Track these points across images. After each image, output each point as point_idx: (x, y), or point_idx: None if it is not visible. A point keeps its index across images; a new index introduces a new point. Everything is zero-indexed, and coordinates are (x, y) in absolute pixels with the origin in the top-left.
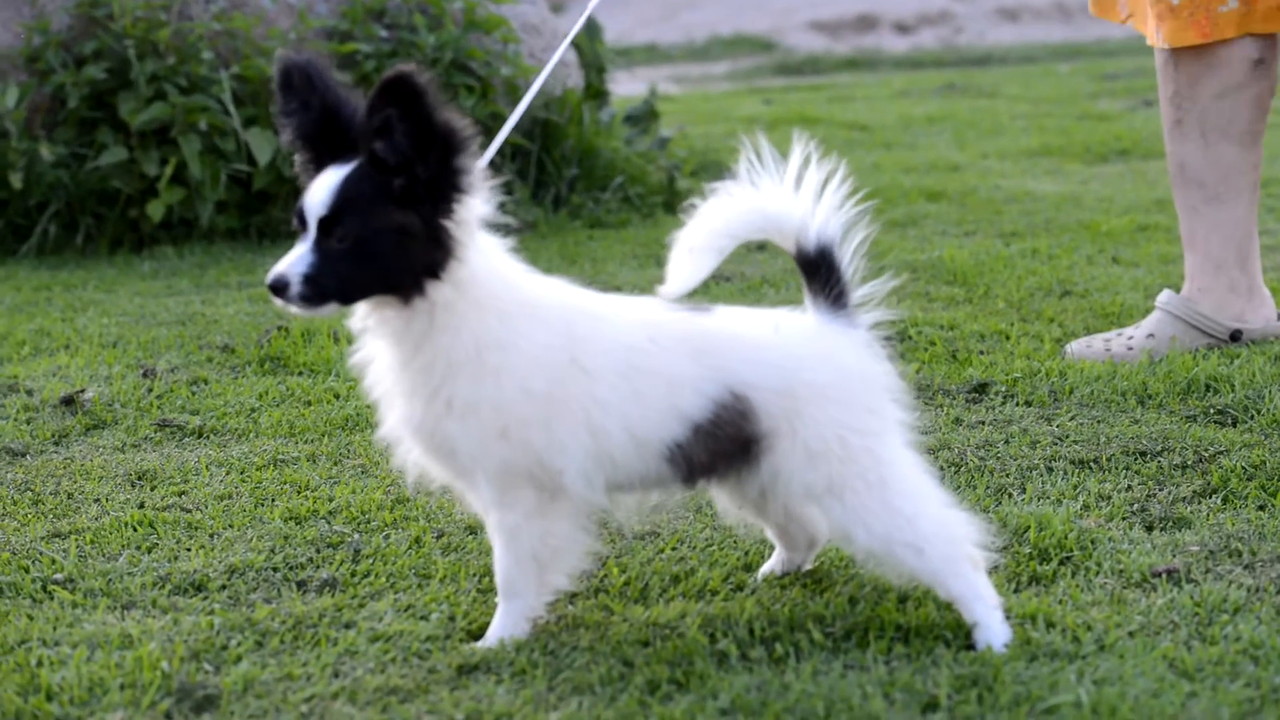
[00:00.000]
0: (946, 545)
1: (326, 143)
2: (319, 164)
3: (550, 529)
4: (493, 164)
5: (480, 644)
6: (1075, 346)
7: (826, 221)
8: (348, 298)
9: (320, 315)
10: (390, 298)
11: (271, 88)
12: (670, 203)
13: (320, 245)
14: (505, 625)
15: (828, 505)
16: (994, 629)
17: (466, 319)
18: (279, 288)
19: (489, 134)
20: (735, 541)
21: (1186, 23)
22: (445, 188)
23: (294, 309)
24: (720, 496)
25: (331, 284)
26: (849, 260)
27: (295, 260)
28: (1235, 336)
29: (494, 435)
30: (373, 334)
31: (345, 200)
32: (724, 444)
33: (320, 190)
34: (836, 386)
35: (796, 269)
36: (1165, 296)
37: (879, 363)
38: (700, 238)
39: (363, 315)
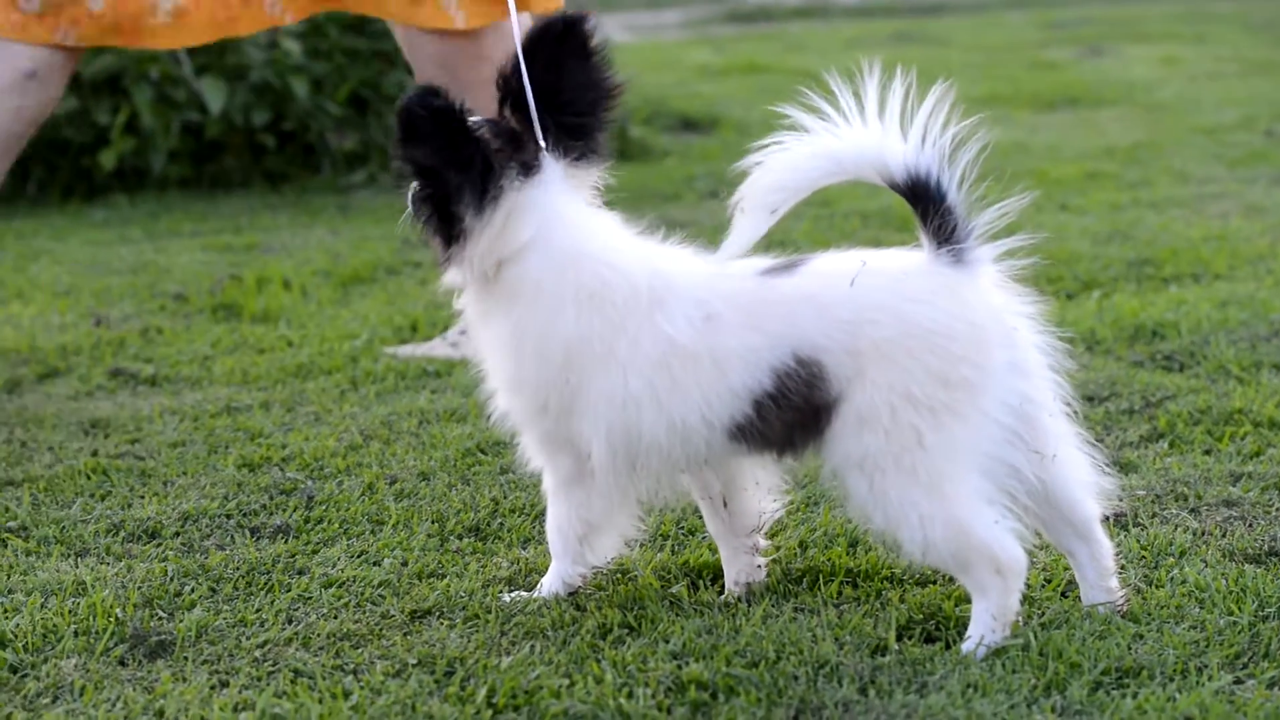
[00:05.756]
0: (955, 554)
1: None
2: None
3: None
4: None
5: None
6: None
7: (916, 149)
8: None
9: None
10: None
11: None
12: (623, 150)
13: None
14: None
15: (854, 481)
16: (981, 632)
17: None
18: None
19: None
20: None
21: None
22: None
23: None
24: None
25: None
26: (954, 188)
27: None
28: None
29: None
30: None
31: None
32: None
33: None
34: (902, 345)
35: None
36: None
37: (985, 314)
38: (763, 195)
39: None
